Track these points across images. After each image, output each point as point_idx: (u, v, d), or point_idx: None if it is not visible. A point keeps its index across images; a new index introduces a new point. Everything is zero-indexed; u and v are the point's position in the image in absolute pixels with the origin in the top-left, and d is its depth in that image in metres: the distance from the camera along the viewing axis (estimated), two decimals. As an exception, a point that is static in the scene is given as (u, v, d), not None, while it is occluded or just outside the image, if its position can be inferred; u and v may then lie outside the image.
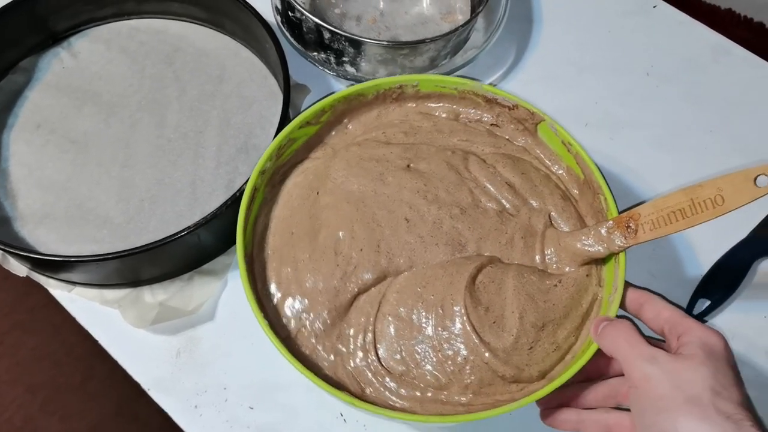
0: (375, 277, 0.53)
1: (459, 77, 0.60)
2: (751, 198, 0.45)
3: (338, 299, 0.52)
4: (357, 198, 0.55)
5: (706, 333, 0.44)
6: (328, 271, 0.53)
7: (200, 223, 0.55)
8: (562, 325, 0.51)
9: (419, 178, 0.56)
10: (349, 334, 0.52)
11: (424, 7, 0.74)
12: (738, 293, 0.62)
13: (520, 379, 0.49)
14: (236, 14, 0.68)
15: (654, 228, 0.49)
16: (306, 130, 0.59)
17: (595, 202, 0.56)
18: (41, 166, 0.65)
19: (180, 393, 0.57)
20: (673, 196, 0.48)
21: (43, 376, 1.28)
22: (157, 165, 0.65)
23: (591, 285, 0.53)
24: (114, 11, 0.73)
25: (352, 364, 0.51)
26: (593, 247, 0.51)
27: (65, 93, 0.69)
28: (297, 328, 0.52)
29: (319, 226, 0.55)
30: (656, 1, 0.79)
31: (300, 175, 0.59)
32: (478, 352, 0.49)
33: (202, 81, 0.70)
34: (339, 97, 0.58)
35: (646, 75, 0.75)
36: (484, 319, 0.50)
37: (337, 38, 0.64)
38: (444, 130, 0.61)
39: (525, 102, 0.58)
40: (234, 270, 0.62)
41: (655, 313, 0.48)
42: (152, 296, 0.60)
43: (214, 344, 0.59)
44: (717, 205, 0.46)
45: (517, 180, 0.57)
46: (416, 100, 0.62)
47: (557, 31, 0.77)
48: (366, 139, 0.60)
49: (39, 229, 0.61)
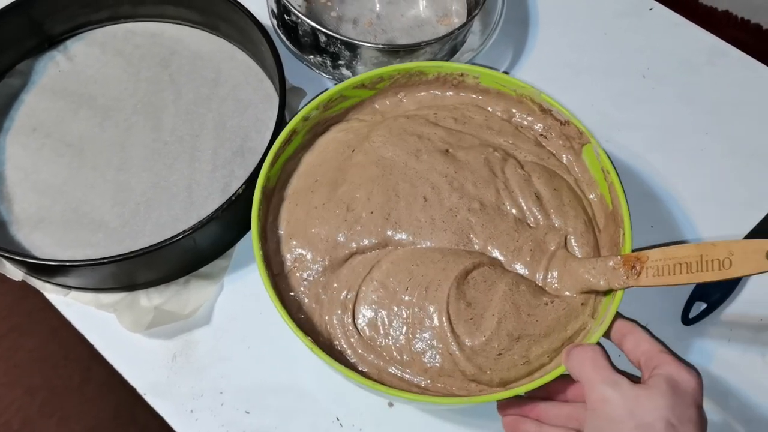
0: (376, 242, 0.54)
1: (521, 81, 0.60)
2: (759, 270, 0.44)
3: (336, 252, 0.53)
4: (386, 164, 0.57)
5: (678, 369, 0.43)
6: (335, 223, 0.54)
7: (196, 227, 0.55)
8: (538, 343, 0.50)
9: (452, 164, 0.57)
10: (335, 287, 0.53)
11: (420, 10, 0.74)
12: (734, 296, 0.62)
13: (480, 380, 0.49)
14: (232, 17, 0.68)
15: (657, 275, 0.48)
16: (360, 93, 0.60)
17: (615, 234, 0.55)
18: (37, 170, 0.65)
19: (176, 397, 0.57)
20: (684, 248, 0.47)
21: (41, 379, 1.28)
22: (153, 168, 0.65)
23: (583, 314, 0.52)
24: (110, 14, 0.73)
25: (327, 317, 0.52)
26: (595, 278, 0.51)
27: (61, 96, 0.69)
28: (290, 267, 0.54)
29: (343, 181, 0.56)
30: (652, 3, 0.79)
31: (342, 131, 0.60)
32: (446, 342, 0.50)
33: (197, 84, 0.70)
34: (400, 69, 0.59)
35: (642, 77, 0.75)
36: (463, 312, 0.50)
37: (333, 42, 0.64)
38: (494, 127, 0.61)
39: (577, 120, 0.58)
40: (230, 274, 0.62)
41: (634, 344, 0.47)
42: (148, 300, 0.60)
43: (211, 348, 0.59)
44: (724, 268, 0.45)
45: (547, 194, 0.56)
46: (476, 92, 0.62)
47: (553, 33, 0.77)
48: (416, 114, 0.61)
49: (34, 233, 0.61)
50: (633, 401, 0.41)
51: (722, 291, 0.61)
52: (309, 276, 0.53)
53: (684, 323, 0.61)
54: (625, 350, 0.48)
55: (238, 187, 0.61)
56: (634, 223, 0.64)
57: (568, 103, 0.72)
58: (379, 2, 0.73)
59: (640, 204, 0.67)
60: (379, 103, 0.62)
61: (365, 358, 0.50)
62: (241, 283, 0.62)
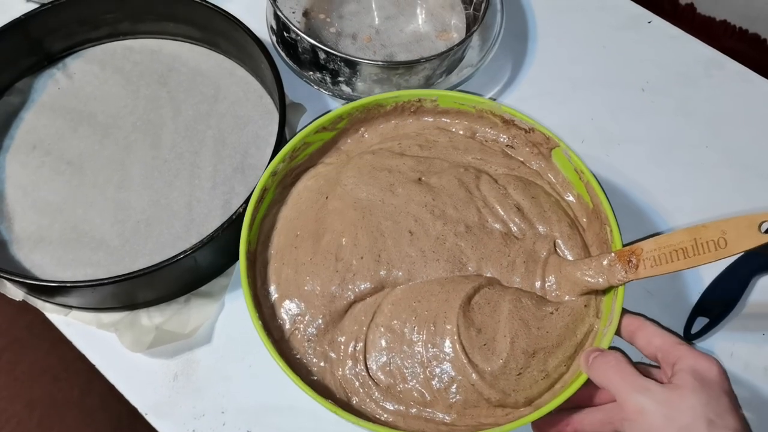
0: (373, 286, 0.53)
1: (478, 96, 0.61)
2: (755, 244, 0.44)
3: (334, 305, 0.52)
4: (364, 206, 0.56)
5: (698, 360, 0.44)
6: (327, 276, 0.53)
7: (197, 247, 0.55)
8: (553, 354, 0.50)
9: (429, 192, 0.56)
10: (341, 341, 0.52)
11: (419, 25, 0.74)
12: (737, 310, 0.62)
13: (506, 404, 0.49)
14: (231, 34, 0.68)
15: (655, 265, 0.48)
16: (321, 135, 0.60)
17: (601, 232, 0.56)
18: (37, 188, 0.64)
19: (177, 417, 0.57)
20: (676, 235, 0.48)
21: (41, 392, 1.28)
22: (153, 186, 0.65)
23: (588, 316, 0.52)
24: (109, 32, 0.73)
25: (340, 372, 0.51)
26: (593, 278, 0.51)
27: (60, 114, 0.69)
28: (291, 330, 0.53)
29: (324, 230, 0.55)
30: (651, 16, 0.80)
31: (312, 179, 0.59)
32: (466, 373, 0.49)
33: (196, 100, 0.70)
34: (357, 106, 0.59)
35: (641, 90, 0.75)
36: (475, 340, 0.50)
37: (333, 58, 0.64)
38: (459, 146, 0.61)
39: (541, 126, 0.58)
40: (231, 292, 0.62)
41: (646, 340, 0.48)
42: (149, 319, 0.60)
43: (212, 367, 0.59)
44: (719, 247, 0.46)
45: (526, 204, 0.57)
46: (434, 115, 0.62)
47: (552, 47, 0.77)
48: (381, 149, 0.60)
49: (34, 253, 0.61)
50: (668, 406, 0.41)
51: (724, 306, 0.61)
52: (311, 335, 0.52)
53: (686, 339, 0.61)
54: (638, 347, 0.49)
55: (238, 203, 0.61)
56: (634, 236, 0.64)
57: (568, 117, 0.72)
58: (378, 17, 0.73)
59: (640, 217, 0.67)
60: (341, 142, 0.62)
61: (387, 407, 0.50)
62: (241, 301, 0.61)
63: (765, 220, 0.44)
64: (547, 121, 0.70)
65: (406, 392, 0.50)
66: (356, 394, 0.50)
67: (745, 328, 0.62)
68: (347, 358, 0.51)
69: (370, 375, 0.51)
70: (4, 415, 1.26)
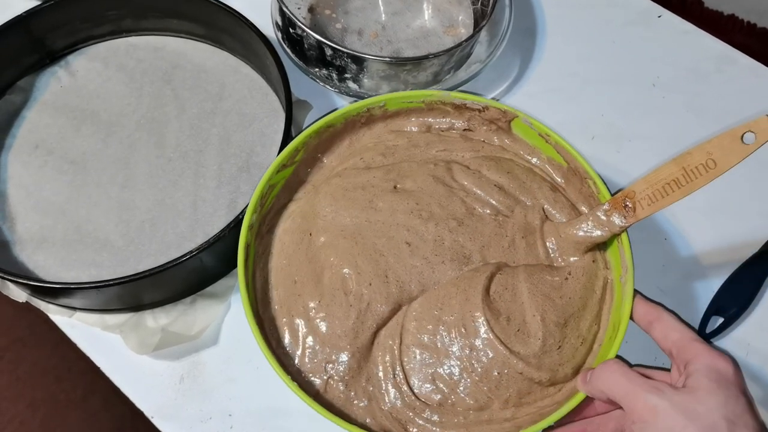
0: (390, 308, 0.52)
1: (425, 90, 0.60)
2: (742, 157, 0.46)
3: (359, 340, 0.51)
4: (352, 231, 0.54)
5: (714, 359, 0.43)
6: (341, 313, 0.51)
7: (203, 247, 0.54)
8: (582, 317, 0.51)
9: (409, 197, 0.55)
10: (378, 373, 0.50)
11: (426, 21, 0.73)
12: (751, 309, 0.61)
13: (556, 380, 0.49)
14: (236, 31, 0.67)
15: (652, 202, 0.49)
16: (283, 173, 0.57)
17: (583, 187, 0.56)
18: (39, 188, 0.63)
19: (184, 420, 0.56)
20: (664, 168, 0.48)
21: (44, 392, 1.27)
22: (157, 185, 0.64)
23: (599, 269, 0.53)
24: (112, 29, 0.72)
25: (388, 404, 0.50)
26: (594, 232, 0.52)
27: (63, 112, 0.68)
28: (324, 380, 0.50)
29: (321, 269, 0.53)
30: (661, 11, 0.78)
31: (287, 221, 0.57)
32: (510, 364, 0.49)
33: (201, 98, 0.69)
34: (309, 133, 0.57)
35: (652, 86, 0.74)
36: (508, 329, 0.50)
37: (340, 55, 0.63)
38: (420, 143, 0.60)
39: (494, 102, 0.59)
40: (237, 293, 0.61)
41: (664, 333, 0.47)
42: (154, 321, 0.59)
43: (219, 370, 0.58)
44: (709, 168, 0.47)
45: (504, 180, 0.57)
46: (385, 120, 0.61)
47: (561, 43, 0.76)
48: (345, 169, 0.59)
49: (38, 253, 0.60)
50: (687, 406, 0.41)
51: (739, 305, 0.60)
52: (346, 377, 0.50)
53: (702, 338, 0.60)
54: (655, 338, 0.48)
55: (244, 203, 0.60)
56: (645, 238, 0.63)
57: (578, 113, 0.71)
58: (385, 13, 0.72)
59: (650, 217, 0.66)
60: (303, 175, 0.60)
61: (446, 423, 0.49)
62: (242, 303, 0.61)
63: (745, 132, 0.45)
64: (556, 117, 0.69)
65: (459, 402, 0.49)
66: (411, 422, 0.49)
67: (760, 326, 0.61)
68: (390, 388, 0.50)
69: (418, 397, 0.50)
70: (6, 415, 1.26)
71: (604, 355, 0.49)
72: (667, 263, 0.64)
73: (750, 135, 0.46)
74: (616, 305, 0.52)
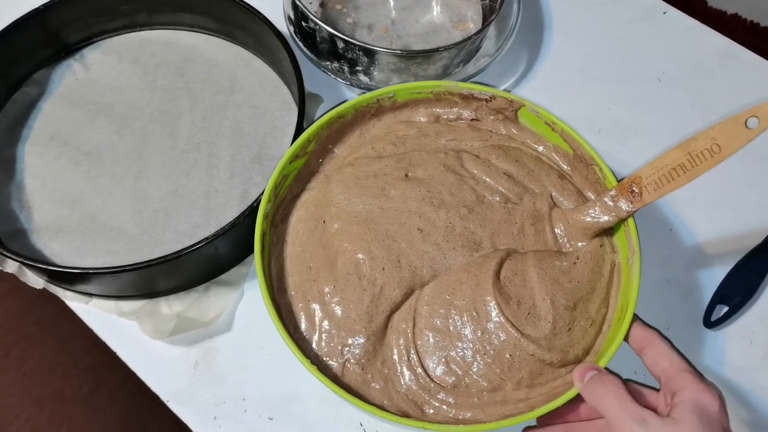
0: (403, 293, 0.52)
1: (433, 81, 0.61)
2: (746, 141, 0.47)
3: (373, 324, 0.51)
4: (365, 218, 0.55)
5: (700, 393, 0.43)
6: (356, 297, 0.52)
7: (218, 234, 0.55)
8: (591, 300, 0.52)
9: (420, 185, 0.56)
10: (393, 356, 0.51)
11: (434, 16, 0.74)
12: (756, 297, 0.62)
13: (567, 361, 0.50)
14: (249, 25, 0.68)
15: (658, 187, 0.50)
16: (296, 164, 0.58)
17: (589, 174, 0.58)
18: (55, 179, 0.65)
19: (198, 405, 0.57)
20: (669, 154, 0.50)
21: (51, 388, 1.28)
22: (171, 176, 0.65)
23: (606, 254, 0.55)
24: (125, 23, 0.73)
25: (404, 387, 0.50)
26: (601, 217, 0.53)
27: (78, 105, 0.69)
28: (341, 363, 0.51)
29: (335, 254, 0.54)
30: (666, 7, 0.80)
31: (301, 209, 0.58)
32: (522, 346, 0.50)
33: (213, 91, 0.70)
34: (321, 124, 0.58)
35: (657, 81, 0.75)
36: (518, 312, 0.51)
37: (351, 48, 0.64)
38: (429, 133, 0.61)
39: (501, 91, 0.60)
40: (250, 281, 0.62)
41: (654, 360, 0.47)
42: (169, 308, 0.60)
43: (232, 355, 0.59)
44: (714, 153, 0.48)
45: (513, 168, 0.58)
46: (394, 111, 0.62)
47: (568, 39, 0.77)
48: (356, 158, 0.60)
49: (54, 242, 0.61)
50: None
51: (743, 294, 0.61)
52: (362, 360, 0.51)
53: (706, 326, 0.61)
54: (645, 363, 0.49)
55: (257, 193, 0.61)
56: (650, 228, 0.64)
57: (584, 108, 0.72)
58: (394, 8, 0.74)
59: (655, 208, 0.67)
60: (315, 166, 0.61)
61: (462, 405, 0.50)
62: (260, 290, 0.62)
63: (749, 117, 0.47)
64: (563, 111, 0.70)
65: (473, 384, 0.50)
66: (427, 403, 0.50)
67: (764, 315, 0.62)
68: (405, 371, 0.51)
69: (433, 379, 0.51)
70: (13, 411, 1.26)
71: (613, 336, 0.50)
72: (673, 253, 0.65)
73: (753, 120, 0.47)
74: (623, 287, 0.54)
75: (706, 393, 0.43)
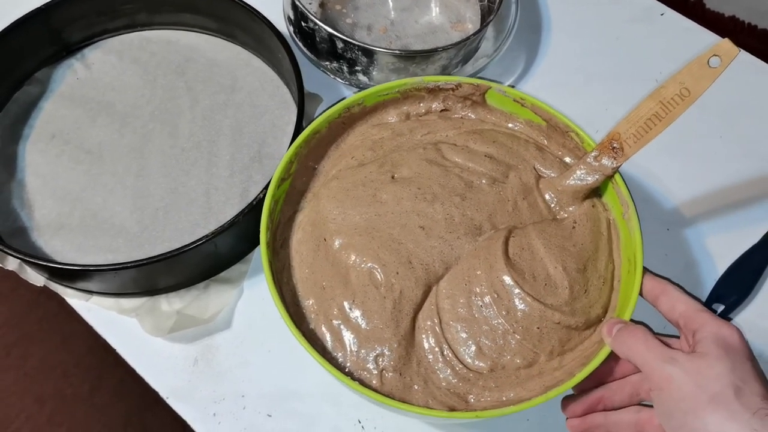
0: (423, 291, 0.53)
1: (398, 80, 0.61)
2: (711, 80, 0.50)
3: (401, 328, 0.51)
4: (365, 227, 0.55)
5: (720, 327, 0.44)
6: (377, 306, 0.52)
7: (218, 231, 0.55)
8: (597, 259, 0.54)
9: (409, 184, 0.56)
10: (427, 355, 0.51)
11: (433, 16, 0.74)
12: (752, 297, 0.62)
13: (591, 322, 0.52)
14: (248, 25, 0.69)
15: (637, 139, 0.52)
16: (283, 187, 0.57)
17: (566, 141, 0.59)
18: (56, 177, 0.65)
19: (198, 401, 0.57)
20: (642, 106, 0.52)
21: (51, 387, 1.28)
22: (171, 174, 0.65)
23: (600, 213, 0.57)
24: (126, 23, 0.73)
25: (444, 383, 0.51)
26: (587, 178, 0.55)
27: (79, 104, 0.69)
28: (378, 373, 0.51)
29: (345, 270, 0.54)
30: (664, 9, 0.80)
31: (298, 231, 0.57)
32: (547, 316, 0.51)
33: (213, 91, 0.71)
34: (299, 144, 0.57)
35: (654, 81, 0.75)
36: (536, 285, 0.52)
37: (351, 48, 0.64)
38: (403, 132, 0.61)
39: (466, 78, 0.60)
40: (250, 278, 0.62)
41: (670, 305, 0.49)
42: (169, 305, 0.60)
43: (232, 352, 0.59)
44: (684, 97, 0.51)
45: (492, 149, 0.59)
46: (365, 117, 0.62)
47: (566, 39, 0.78)
48: (339, 170, 0.59)
49: (55, 239, 0.62)
50: (696, 374, 0.42)
51: (740, 292, 0.62)
52: (398, 366, 0.51)
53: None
54: (662, 311, 0.50)
55: (256, 191, 0.62)
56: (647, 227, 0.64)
57: (582, 108, 0.73)
58: (393, 9, 0.74)
59: (654, 207, 0.68)
60: (300, 185, 0.60)
61: (503, 386, 0.50)
62: (260, 287, 0.62)
63: (710, 56, 0.50)
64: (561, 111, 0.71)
65: (509, 364, 0.51)
66: (470, 392, 0.50)
67: (760, 314, 0.62)
68: (442, 367, 0.51)
69: (470, 369, 0.51)
70: (14, 410, 1.26)
71: (627, 289, 0.51)
72: (670, 253, 0.65)
73: (715, 59, 0.50)
74: (624, 241, 0.55)
75: (725, 327, 0.44)
